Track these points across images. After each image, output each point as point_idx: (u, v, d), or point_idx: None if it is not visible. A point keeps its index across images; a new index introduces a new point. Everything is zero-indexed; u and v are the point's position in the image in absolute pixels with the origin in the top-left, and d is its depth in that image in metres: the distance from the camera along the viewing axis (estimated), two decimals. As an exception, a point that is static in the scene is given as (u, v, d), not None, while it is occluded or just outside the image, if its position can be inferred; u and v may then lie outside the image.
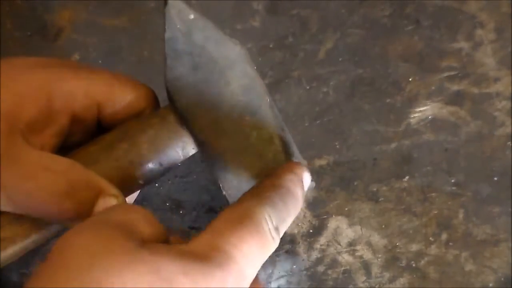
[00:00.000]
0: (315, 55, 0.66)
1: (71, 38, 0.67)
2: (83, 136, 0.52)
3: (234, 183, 0.52)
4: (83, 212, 0.47)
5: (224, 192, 0.52)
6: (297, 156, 0.54)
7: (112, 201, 0.47)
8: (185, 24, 0.52)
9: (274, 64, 0.65)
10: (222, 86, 0.52)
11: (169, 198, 0.55)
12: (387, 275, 0.56)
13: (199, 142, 0.52)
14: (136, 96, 0.51)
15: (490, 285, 0.55)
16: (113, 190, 0.48)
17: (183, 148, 0.52)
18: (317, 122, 0.63)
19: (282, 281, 0.55)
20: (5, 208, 0.46)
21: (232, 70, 0.53)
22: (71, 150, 0.51)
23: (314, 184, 0.53)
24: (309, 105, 0.63)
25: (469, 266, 0.56)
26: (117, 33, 0.67)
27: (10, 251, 0.48)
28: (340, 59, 0.66)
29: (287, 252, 0.57)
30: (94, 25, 0.67)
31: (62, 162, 0.46)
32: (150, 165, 0.51)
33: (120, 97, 0.50)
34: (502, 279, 0.55)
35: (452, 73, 0.65)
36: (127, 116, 0.52)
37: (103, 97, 0.49)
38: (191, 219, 0.58)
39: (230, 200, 0.52)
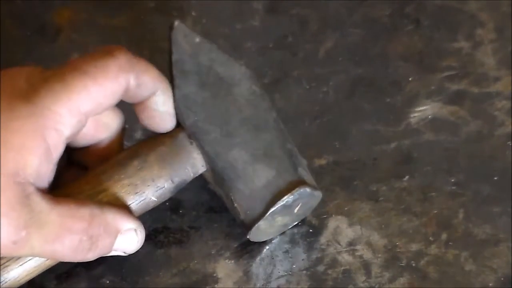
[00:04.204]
0: (314, 55, 0.66)
1: (71, 38, 0.67)
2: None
3: (246, 194, 0.53)
4: (104, 254, 0.50)
5: (235, 204, 0.53)
6: (304, 167, 0.54)
7: (132, 236, 0.51)
8: (191, 47, 0.55)
9: (274, 64, 0.65)
10: (230, 103, 0.54)
11: (165, 199, 0.55)
12: (387, 275, 0.56)
13: (209, 156, 0.53)
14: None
15: (490, 285, 0.55)
16: (130, 224, 0.51)
17: (193, 165, 0.54)
18: (317, 121, 0.63)
19: (282, 281, 0.55)
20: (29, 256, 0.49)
21: (239, 88, 0.55)
22: None
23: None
24: (308, 105, 0.63)
25: (469, 266, 0.56)
26: (117, 33, 0.67)
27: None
28: (340, 59, 0.66)
29: (286, 251, 0.57)
30: (94, 24, 0.67)
31: (82, 216, 0.48)
32: (162, 182, 0.52)
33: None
34: (502, 279, 0.55)
35: (452, 72, 0.65)
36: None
37: (85, 106, 0.48)
38: (190, 219, 0.58)
39: (241, 212, 0.53)
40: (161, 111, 0.52)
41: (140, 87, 0.50)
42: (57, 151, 0.47)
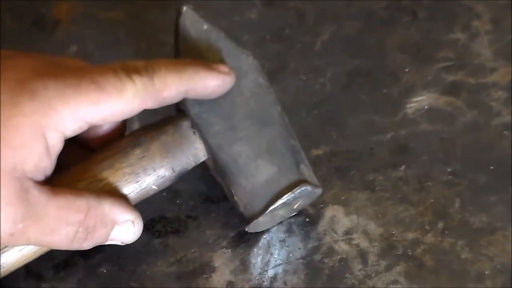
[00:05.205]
0: (312, 47, 0.66)
1: (69, 31, 0.67)
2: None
3: (247, 189, 0.53)
4: (100, 243, 0.50)
5: (235, 198, 0.53)
6: (306, 163, 0.54)
7: (129, 227, 0.51)
8: (199, 34, 0.54)
9: (271, 56, 0.66)
10: (235, 95, 0.54)
11: (165, 187, 0.55)
12: (383, 263, 0.56)
13: (212, 148, 0.53)
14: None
15: (486, 273, 0.55)
16: (128, 216, 0.51)
17: (195, 155, 0.53)
18: (314, 112, 0.63)
19: (279, 269, 0.56)
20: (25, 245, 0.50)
21: (245, 80, 0.54)
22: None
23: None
24: (306, 96, 0.64)
25: (465, 254, 0.56)
26: (115, 26, 0.67)
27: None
28: (336, 51, 0.66)
29: (283, 241, 0.57)
30: (92, 17, 0.68)
31: (79, 208, 0.48)
32: (163, 171, 0.52)
33: (105, 114, 0.49)
34: (498, 267, 0.55)
35: (449, 63, 0.65)
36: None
37: (91, 118, 0.48)
38: (188, 209, 0.58)
39: (241, 205, 0.53)
40: (204, 94, 0.52)
41: (165, 101, 0.50)
42: (55, 150, 0.47)
